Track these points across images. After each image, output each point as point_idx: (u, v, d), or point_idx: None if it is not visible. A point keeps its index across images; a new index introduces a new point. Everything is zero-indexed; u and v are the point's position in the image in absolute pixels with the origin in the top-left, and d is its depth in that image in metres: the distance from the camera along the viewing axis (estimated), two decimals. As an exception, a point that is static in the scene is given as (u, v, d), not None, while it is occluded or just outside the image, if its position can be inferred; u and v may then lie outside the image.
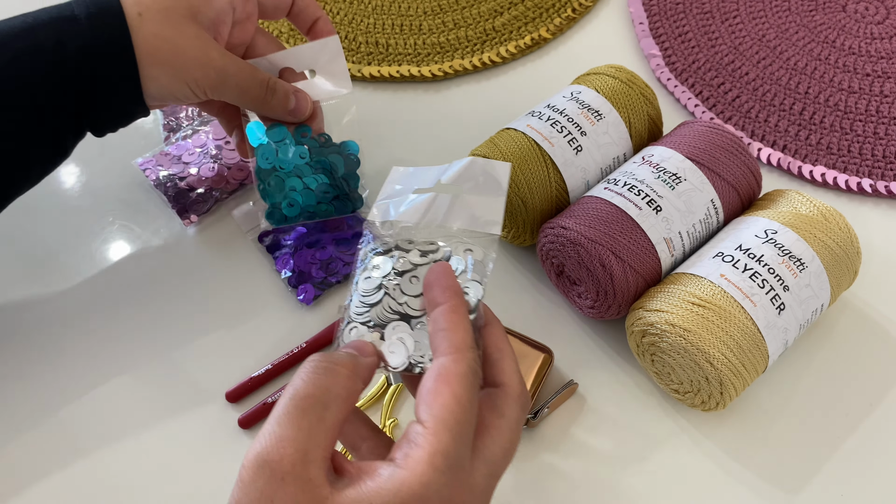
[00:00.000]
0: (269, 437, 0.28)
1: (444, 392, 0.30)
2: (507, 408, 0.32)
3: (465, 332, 0.32)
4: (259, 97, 0.46)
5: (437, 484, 0.28)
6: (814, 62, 0.62)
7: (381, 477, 0.28)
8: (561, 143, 0.49)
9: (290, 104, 0.48)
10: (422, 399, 0.30)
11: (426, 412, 0.30)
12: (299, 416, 0.29)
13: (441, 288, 0.33)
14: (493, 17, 0.66)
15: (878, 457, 0.45)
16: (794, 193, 0.47)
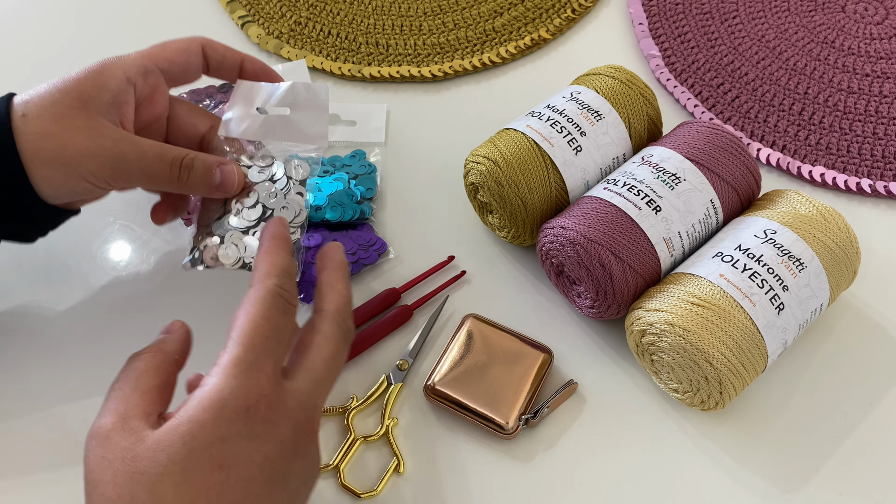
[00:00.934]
0: (98, 415, 0.34)
1: (240, 315, 0.35)
2: (323, 325, 0.37)
3: (270, 265, 0.37)
4: (171, 178, 0.42)
5: (231, 386, 0.32)
6: (813, 62, 0.62)
7: (188, 401, 0.33)
8: (561, 144, 0.49)
9: (214, 180, 0.43)
10: (230, 329, 0.35)
11: (230, 337, 0.34)
12: (116, 393, 0.34)
13: (264, 237, 0.39)
14: (493, 18, 0.66)
15: (878, 457, 0.45)
16: (794, 193, 0.48)
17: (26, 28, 0.66)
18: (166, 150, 0.42)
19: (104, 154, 0.41)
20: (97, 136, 0.40)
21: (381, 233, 0.54)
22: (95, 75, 0.42)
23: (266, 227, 0.40)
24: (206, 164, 0.43)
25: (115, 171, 0.41)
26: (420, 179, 0.57)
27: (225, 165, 0.43)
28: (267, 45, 0.64)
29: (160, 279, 0.52)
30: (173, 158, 0.42)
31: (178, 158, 0.42)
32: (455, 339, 0.47)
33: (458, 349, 0.47)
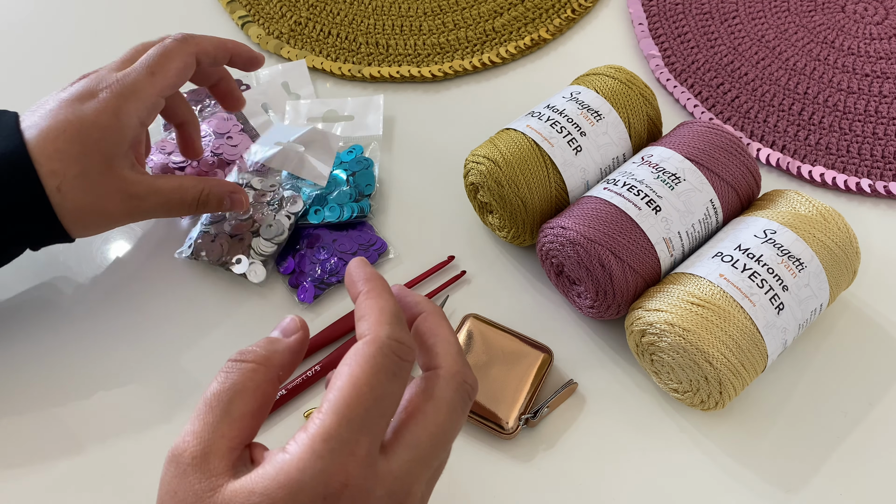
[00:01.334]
0: (180, 435, 0.30)
1: (343, 373, 0.29)
2: (438, 389, 0.31)
3: (380, 313, 0.31)
4: (190, 213, 0.49)
5: (314, 469, 0.28)
6: (813, 62, 0.62)
7: (269, 463, 0.29)
8: (560, 144, 0.49)
9: (225, 207, 0.49)
10: (330, 382, 0.30)
11: (328, 396, 0.29)
12: (205, 412, 0.30)
13: (357, 279, 0.33)
14: (493, 18, 0.66)
15: (878, 456, 0.45)
16: (793, 193, 0.48)
17: (26, 27, 0.66)
18: (185, 193, 0.47)
19: (137, 211, 0.46)
20: (129, 198, 0.45)
21: (381, 233, 0.54)
22: (113, 127, 0.44)
23: (355, 269, 0.34)
24: (218, 197, 0.48)
25: (143, 217, 0.48)
26: (420, 179, 0.57)
27: (234, 194, 0.49)
28: (267, 45, 0.64)
29: (160, 277, 0.52)
30: (192, 200, 0.48)
31: (195, 199, 0.48)
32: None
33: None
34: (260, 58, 0.51)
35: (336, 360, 0.48)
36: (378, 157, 0.56)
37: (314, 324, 0.50)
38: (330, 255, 0.51)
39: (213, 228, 0.52)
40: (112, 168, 0.44)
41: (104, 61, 0.64)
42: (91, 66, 0.63)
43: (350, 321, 0.50)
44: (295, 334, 0.33)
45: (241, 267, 0.51)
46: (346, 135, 0.58)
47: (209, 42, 0.48)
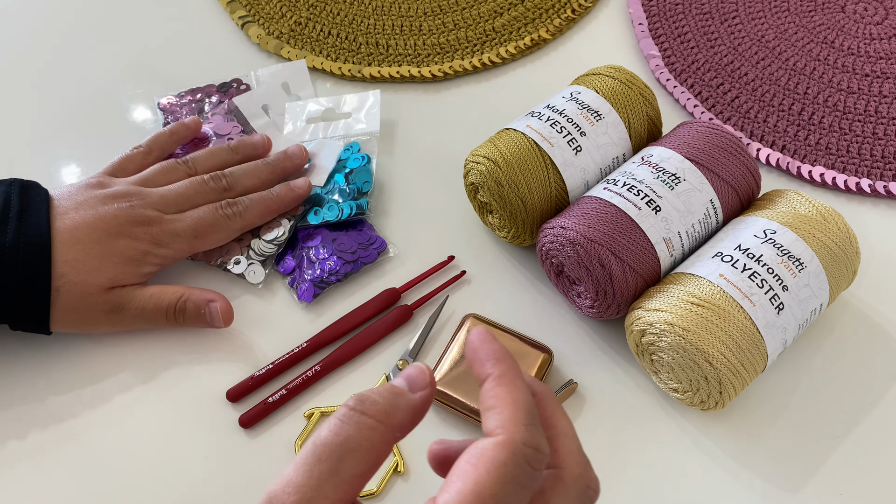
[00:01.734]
0: (282, 480, 0.27)
1: (465, 474, 0.26)
2: (557, 495, 0.27)
3: (516, 410, 0.27)
4: (168, 322, 0.49)
5: None
6: (813, 63, 0.62)
7: None
8: (560, 144, 0.49)
9: (205, 318, 0.48)
10: (449, 476, 0.26)
11: (444, 492, 0.26)
12: (313, 464, 0.27)
13: (485, 357, 0.29)
14: (493, 18, 0.66)
15: (877, 457, 0.45)
16: (793, 193, 0.48)
17: (24, 27, 0.66)
18: (161, 298, 0.48)
19: (118, 322, 0.48)
20: (111, 311, 0.47)
21: (381, 233, 0.54)
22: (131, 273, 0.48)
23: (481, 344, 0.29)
24: (195, 305, 0.48)
25: (120, 328, 0.49)
26: (420, 179, 0.57)
27: (213, 303, 0.48)
28: (267, 45, 0.64)
29: (159, 279, 0.52)
30: (167, 306, 0.48)
31: (171, 305, 0.48)
32: (455, 339, 0.47)
33: (459, 349, 0.47)
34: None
35: (336, 360, 0.48)
36: (376, 153, 0.56)
37: (314, 324, 0.50)
38: (329, 255, 0.51)
39: None
40: (109, 292, 0.47)
41: (103, 61, 0.64)
42: (89, 65, 0.64)
43: (351, 320, 0.50)
44: (422, 391, 0.29)
45: (239, 267, 0.51)
46: (344, 132, 0.58)
47: (257, 217, 0.51)
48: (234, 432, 0.46)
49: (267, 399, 0.47)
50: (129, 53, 0.64)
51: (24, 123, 0.60)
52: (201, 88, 0.61)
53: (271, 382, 0.48)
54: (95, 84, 0.62)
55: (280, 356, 0.48)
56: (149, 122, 0.60)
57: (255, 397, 0.47)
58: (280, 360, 0.48)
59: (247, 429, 0.46)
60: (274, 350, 0.49)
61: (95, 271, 0.47)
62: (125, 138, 0.58)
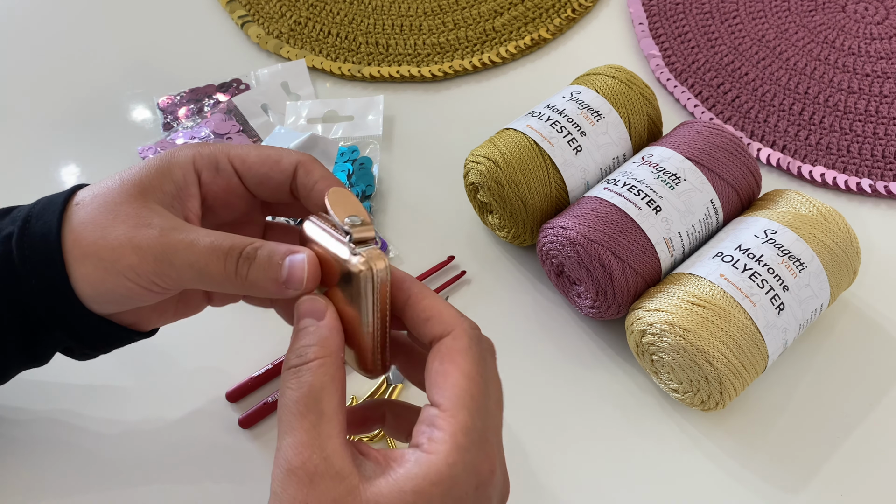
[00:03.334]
0: (287, 448, 0.29)
1: (452, 372, 0.31)
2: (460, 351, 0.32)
3: (446, 307, 0.32)
4: (226, 272, 0.33)
5: (464, 462, 0.29)
6: (813, 62, 0.62)
7: (409, 462, 0.29)
8: (561, 144, 0.49)
9: (281, 274, 0.33)
10: (432, 382, 0.31)
11: (440, 394, 0.30)
12: (299, 420, 0.30)
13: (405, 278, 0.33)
14: (493, 18, 0.66)
15: (878, 457, 0.45)
16: (794, 193, 0.48)
17: (23, 27, 0.66)
18: (223, 238, 0.34)
19: (147, 244, 0.33)
20: (143, 226, 0.34)
21: (381, 232, 0.54)
22: (161, 162, 0.36)
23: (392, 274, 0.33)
24: (270, 254, 0.33)
25: (158, 265, 0.33)
26: (420, 179, 0.57)
27: (296, 255, 0.33)
28: (267, 44, 0.64)
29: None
30: (230, 248, 0.33)
31: (236, 248, 0.33)
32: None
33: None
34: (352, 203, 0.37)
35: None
36: (378, 157, 0.56)
37: (314, 324, 0.50)
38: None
39: None
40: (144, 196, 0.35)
41: (100, 60, 0.64)
42: (89, 65, 0.63)
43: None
44: (327, 311, 0.32)
45: None
46: (345, 135, 0.58)
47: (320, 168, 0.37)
48: (234, 433, 0.46)
49: (267, 399, 0.47)
50: (129, 53, 0.64)
51: (24, 123, 0.60)
52: (201, 88, 0.61)
53: (271, 383, 0.48)
54: (95, 84, 0.62)
55: (279, 357, 0.48)
56: (148, 121, 0.60)
57: (254, 398, 0.47)
58: (279, 360, 0.48)
59: (247, 429, 0.46)
60: (274, 350, 0.49)
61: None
62: (125, 138, 0.58)
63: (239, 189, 0.38)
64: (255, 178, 0.37)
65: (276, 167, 0.37)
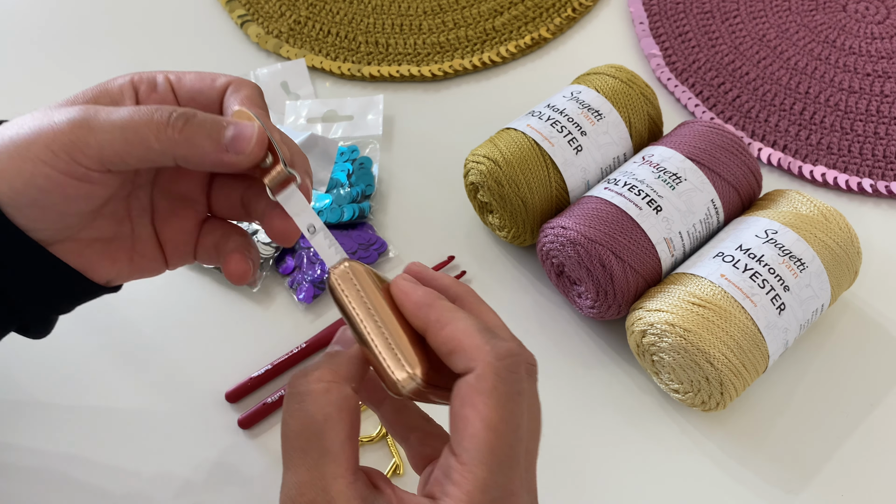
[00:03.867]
0: (290, 488, 0.27)
1: (473, 419, 0.26)
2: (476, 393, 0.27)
3: (469, 337, 0.27)
4: (155, 127, 0.30)
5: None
6: (814, 62, 0.62)
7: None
8: (561, 143, 0.49)
9: (224, 133, 0.31)
10: (453, 426, 0.27)
11: (458, 444, 0.27)
12: (302, 457, 0.27)
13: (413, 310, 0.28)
14: (493, 17, 0.66)
15: (878, 457, 0.45)
16: (795, 193, 0.47)
17: (23, 27, 0.66)
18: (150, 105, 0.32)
19: (63, 117, 0.31)
20: (57, 113, 0.31)
21: (381, 232, 0.54)
22: (99, 85, 0.34)
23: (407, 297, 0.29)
24: (216, 118, 0.32)
25: (76, 132, 0.30)
26: (420, 179, 0.57)
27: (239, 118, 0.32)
28: (266, 44, 0.64)
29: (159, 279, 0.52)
30: (158, 107, 0.31)
31: (166, 107, 0.31)
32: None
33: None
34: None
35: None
36: (378, 157, 0.56)
37: (314, 324, 0.50)
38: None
39: None
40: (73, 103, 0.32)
41: (100, 60, 0.64)
42: (86, 65, 0.63)
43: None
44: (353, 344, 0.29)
45: None
46: (345, 135, 0.58)
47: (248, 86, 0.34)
48: (234, 433, 0.46)
49: (266, 400, 0.46)
50: (129, 53, 0.64)
51: (22, 123, 0.60)
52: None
53: (271, 383, 0.48)
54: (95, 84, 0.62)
55: (279, 357, 0.48)
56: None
57: (254, 398, 0.47)
58: (279, 360, 0.48)
59: (246, 429, 0.46)
60: (273, 351, 0.49)
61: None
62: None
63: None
64: (188, 93, 0.34)
65: (210, 84, 0.34)
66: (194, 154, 0.31)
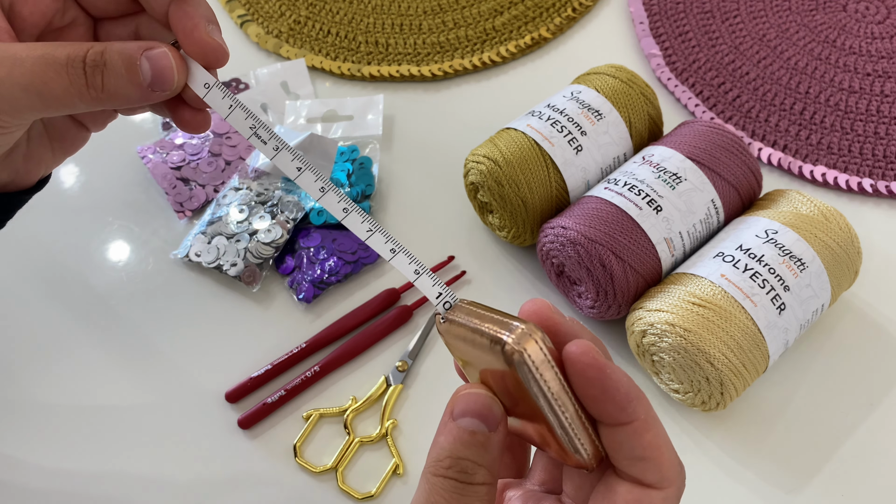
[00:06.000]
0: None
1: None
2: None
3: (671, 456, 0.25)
4: (75, 88, 0.28)
5: None
6: (814, 62, 0.62)
7: None
8: (561, 143, 0.49)
9: (143, 76, 0.28)
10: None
11: None
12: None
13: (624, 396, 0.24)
14: (493, 17, 0.66)
15: (878, 457, 0.45)
16: (795, 193, 0.47)
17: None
18: (55, 48, 0.28)
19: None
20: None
21: (380, 233, 0.54)
22: None
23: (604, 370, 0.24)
24: (123, 54, 0.28)
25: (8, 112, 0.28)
26: (420, 179, 0.57)
27: (152, 50, 0.28)
28: (266, 44, 0.64)
29: (159, 279, 0.52)
30: (68, 57, 0.28)
31: (76, 56, 0.28)
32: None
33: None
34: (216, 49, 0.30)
35: (335, 361, 0.48)
36: (378, 157, 0.56)
37: (314, 324, 0.50)
38: (329, 255, 0.51)
39: (209, 230, 0.52)
40: None
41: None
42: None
43: (350, 321, 0.50)
44: (500, 424, 0.25)
45: (236, 269, 0.51)
46: (345, 135, 0.58)
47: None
48: (234, 433, 0.46)
49: (266, 400, 0.46)
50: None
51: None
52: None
53: (270, 383, 0.48)
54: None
55: (279, 357, 0.48)
56: (147, 121, 0.60)
57: (254, 398, 0.47)
58: (279, 360, 0.48)
59: (246, 430, 0.46)
60: (273, 350, 0.49)
61: None
62: (124, 138, 0.58)
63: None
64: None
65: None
66: (121, 102, 0.29)
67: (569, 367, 0.24)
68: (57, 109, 0.29)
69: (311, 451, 0.46)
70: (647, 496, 0.24)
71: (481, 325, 0.25)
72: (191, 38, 0.29)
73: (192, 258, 0.51)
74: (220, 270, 0.51)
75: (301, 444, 0.45)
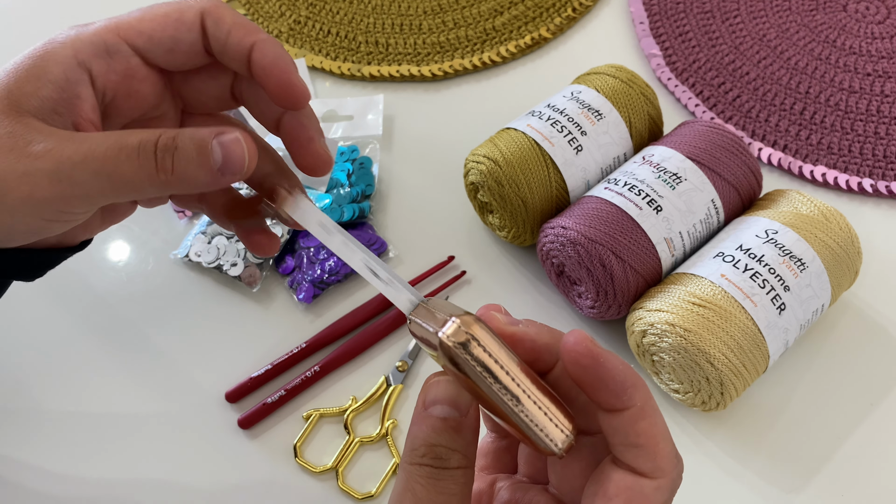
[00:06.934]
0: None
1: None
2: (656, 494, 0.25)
3: (666, 445, 0.25)
4: (146, 172, 0.28)
5: None
6: (814, 62, 0.62)
7: None
8: (561, 143, 0.49)
9: (214, 160, 0.28)
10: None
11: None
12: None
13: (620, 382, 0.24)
14: (493, 17, 0.66)
15: (878, 457, 0.45)
16: (795, 193, 0.47)
17: (22, 28, 0.66)
18: (127, 135, 0.28)
19: (35, 168, 0.28)
20: (22, 148, 0.28)
21: (381, 233, 0.54)
22: (33, 60, 0.29)
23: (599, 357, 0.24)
24: (197, 140, 0.28)
25: (57, 187, 0.28)
26: (420, 179, 0.57)
27: (224, 135, 0.29)
28: (266, 44, 0.64)
29: (159, 279, 0.52)
30: (140, 143, 0.28)
31: (147, 141, 0.28)
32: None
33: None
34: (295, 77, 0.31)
35: (335, 361, 0.48)
36: (378, 157, 0.56)
37: (313, 324, 0.50)
38: (329, 255, 0.51)
39: (209, 230, 0.52)
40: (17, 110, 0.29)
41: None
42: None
43: (350, 321, 0.50)
44: (471, 408, 0.26)
45: (236, 269, 0.51)
46: (345, 135, 0.58)
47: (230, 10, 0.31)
48: (234, 433, 0.46)
49: (266, 400, 0.46)
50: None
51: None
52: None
53: (270, 383, 0.48)
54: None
55: (279, 357, 0.48)
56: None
57: (254, 398, 0.47)
58: (279, 360, 0.48)
59: (246, 430, 0.46)
60: (273, 350, 0.49)
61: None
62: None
63: (141, 71, 0.32)
64: (159, 48, 0.31)
65: (180, 26, 0.31)
66: (190, 186, 0.29)
67: (564, 357, 0.24)
68: (127, 194, 0.29)
69: (311, 451, 0.46)
70: (638, 484, 0.24)
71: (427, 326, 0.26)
72: (306, 150, 0.32)
73: (192, 258, 0.51)
74: (221, 270, 0.51)
75: (301, 444, 0.45)
